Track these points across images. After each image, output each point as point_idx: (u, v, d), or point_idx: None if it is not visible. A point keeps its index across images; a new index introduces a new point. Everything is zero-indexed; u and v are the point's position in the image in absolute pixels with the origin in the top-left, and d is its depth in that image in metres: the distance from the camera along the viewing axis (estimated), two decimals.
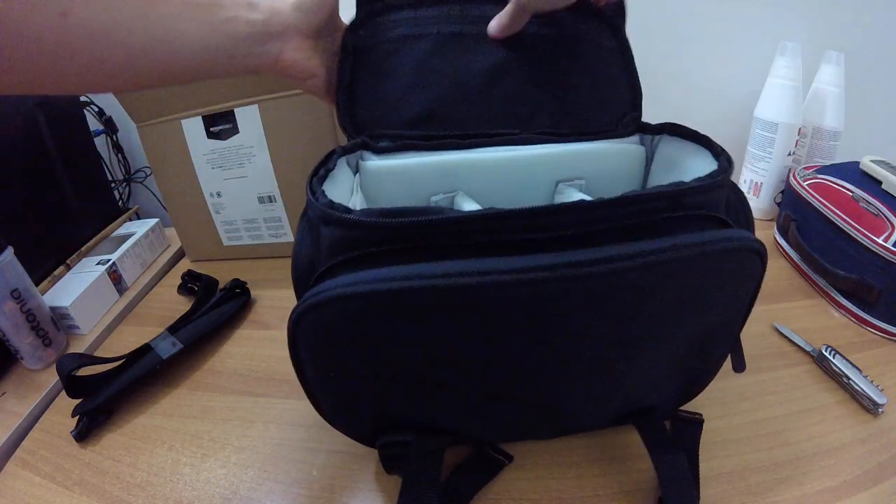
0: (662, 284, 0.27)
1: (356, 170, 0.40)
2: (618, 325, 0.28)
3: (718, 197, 0.30)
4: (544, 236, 0.26)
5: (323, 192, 0.29)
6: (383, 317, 0.26)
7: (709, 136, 0.35)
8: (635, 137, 0.42)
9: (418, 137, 0.40)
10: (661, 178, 0.41)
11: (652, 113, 0.43)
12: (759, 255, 0.29)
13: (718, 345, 0.34)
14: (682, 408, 0.40)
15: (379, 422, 0.35)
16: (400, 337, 0.28)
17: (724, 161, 0.31)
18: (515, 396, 0.33)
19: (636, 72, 0.42)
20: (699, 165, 0.34)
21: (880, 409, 0.40)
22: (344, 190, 0.37)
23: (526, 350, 0.29)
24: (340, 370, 0.30)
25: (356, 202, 0.39)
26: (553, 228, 0.26)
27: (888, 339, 0.48)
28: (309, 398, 0.34)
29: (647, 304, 0.28)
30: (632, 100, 0.42)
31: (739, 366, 0.36)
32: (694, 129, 0.37)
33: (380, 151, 0.40)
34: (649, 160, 0.42)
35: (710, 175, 0.29)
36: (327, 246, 0.28)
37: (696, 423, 0.39)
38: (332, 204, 0.28)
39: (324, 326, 0.27)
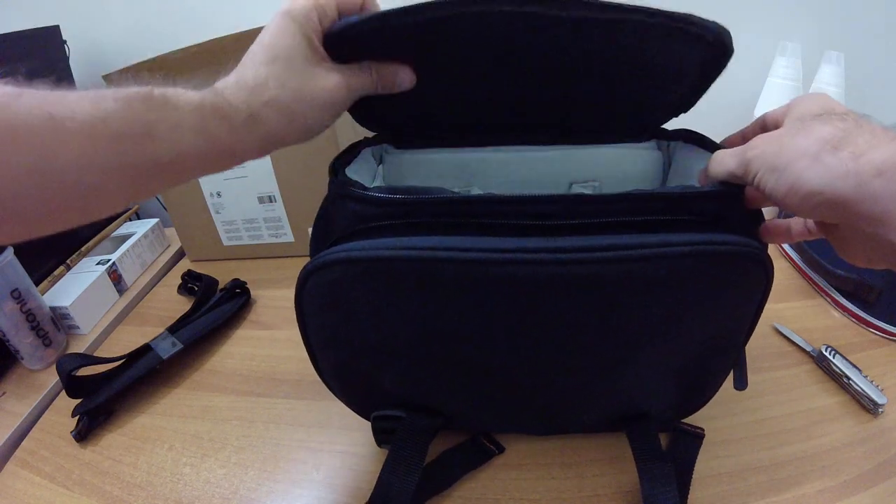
0: (654, 280, 0.27)
1: (380, 161, 0.42)
2: (609, 318, 0.28)
3: (728, 206, 0.29)
4: (541, 224, 0.27)
5: (344, 171, 0.32)
6: (378, 281, 0.28)
7: (717, 141, 0.35)
8: (652, 143, 0.42)
9: (440, 136, 0.41)
10: (677, 184, 0.40)
11: None
12: (760, 263, 0.28)
13: (718, 357, 0.34)
14: (685, 420, 0.40)
15: (373, 393, 0.36)
16: (393, 304, 0.29)
17: None
18: (503, 381, 0.33)
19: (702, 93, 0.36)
20: None
21: (880, 409, 0.40)
22: (366, 177, 0.39)
23: (515, 333, 0.29)
24: (340, 332, 0.32)
25: None
26: (549, 217, 0.27)
27: (888, 339, 0.48)
28: (311, 360, 0.35)
29: (638, 300, 0.28)
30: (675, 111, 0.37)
31: (741, 383, 0.35)
32: (705, 135, 0.37)
33: (403, 146, 0.42)
34: (667, 166, 0.42)
35: (722, 183, 0.29)
36: (342, 218, 0.30)
37: (697, 436, 0.39)
38: (349, 181, 0.30)
39: (327, 286, 0.29)
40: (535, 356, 0.31)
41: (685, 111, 0.37)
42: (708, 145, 0.36)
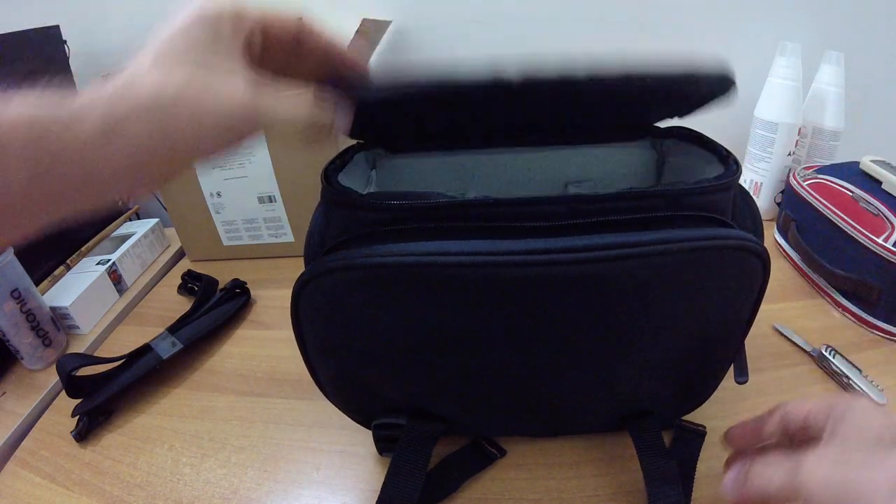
0: (655, 277, 0.27)
1: (373, 165, 0.42)
2: (608, 315, 0.28)
3: (722, 200, 0.30)
4: (541, 225, 0.27)
5: (336, 177, 0.31)
6: (378, 288, 0.28)
7: (713, 139, 0.35)
8: (646, 141, 0.42)
9: (434, 139, 0.41)
10: (672, 181, 0.41)
11: None
12: (758, 256, 0.28)
13: (718, 351, 0.34)
14: (686, 418, 0.40)
15: (373, 401, 0.36)
16: (392, 309, 0.29)
17: (732, 164, 0.31)
18: (506, 384, 0.33)
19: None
20: (711, 171, 0.34)
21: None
22: (359, 182, 0.39)
23: (515, 334, 0.29)
24: (338, 341, 0.31)
25: None
26: (548, 218, 0.27)
27: (888, 339, 0.48)
28: (308, 369, 0.35)
29: (639, 297, 0.28)
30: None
31: (741, 376, 0.36)
32: (699, 132, 0.37)
33: (396, 151, 0.41)
34: (661, 164, 0.42)
35: (716, 178, 0.29)
36: (336, 225, 0.30)
37: (699, 433, 0.39)
38: (342, 188, 0.30)
39: (324, 294, 0.29)
40: (535, 357, 0.31)
41: (680, 117, 0.37)
42: (705, 143, 0.36)
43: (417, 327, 0.29)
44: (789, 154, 0.65)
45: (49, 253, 0.64)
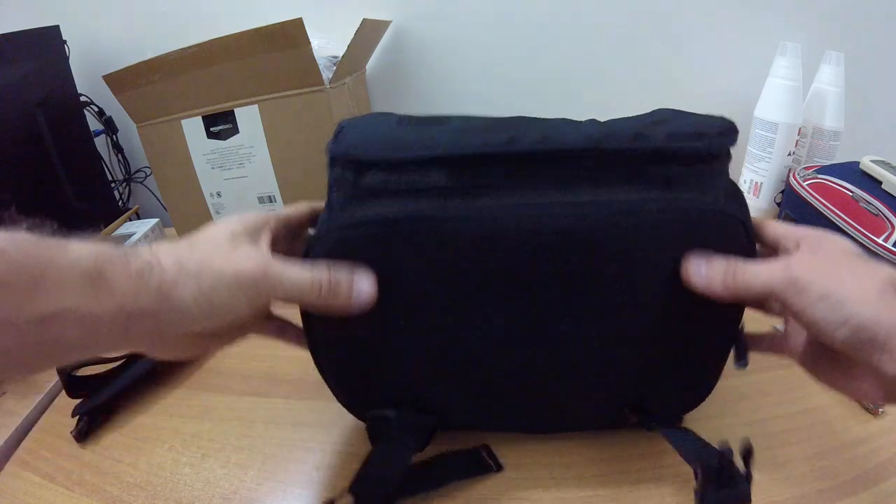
0: (626, 240, 0.28)
1: None
2: (599, 274, 0.29)
3: (704, 171, 0.30)
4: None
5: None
6: (377, 245, 0.30)
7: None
8: None
9: None
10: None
11: None
12: (739, 221, 0.29)
13: (714, 333, 0.34)
14: (687, 417, 0.39)
15: (370, 386, 0.37)
16: (390, 269, 0.30)
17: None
18: (498, 356, 0.33)
19: None
20: None
21: (880, 410, 0.40)
22: None
23: (509, 294, 0.30)
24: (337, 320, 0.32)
25: None
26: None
27: None
28: (311, 352, 0.36)
29: (624, 256, 0.29)
30: None
31: (741, 358, 0.35)
32: None
33: None
34: None
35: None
36: (338, 203, 0.31)
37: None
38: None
39: (328, 254, 0.30)
40: (526, 323, 0.31)
41: None
42: None
43: (412, 287, 0.31)
44: (789, 154, 0.65)
45: None
